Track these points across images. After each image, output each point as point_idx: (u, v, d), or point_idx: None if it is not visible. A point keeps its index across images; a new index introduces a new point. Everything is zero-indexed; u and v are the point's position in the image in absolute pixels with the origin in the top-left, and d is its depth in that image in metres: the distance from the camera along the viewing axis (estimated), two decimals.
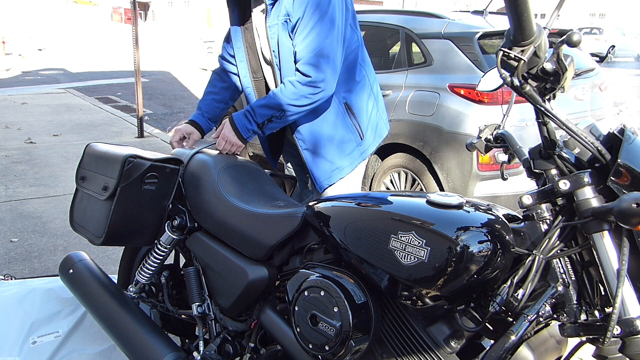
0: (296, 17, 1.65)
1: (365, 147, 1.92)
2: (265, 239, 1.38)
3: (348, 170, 1.91)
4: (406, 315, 1.13)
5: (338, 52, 1.71)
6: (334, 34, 1.68)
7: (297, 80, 1.68)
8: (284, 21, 1.68)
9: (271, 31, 1.72)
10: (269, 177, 1.70)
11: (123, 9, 36.88)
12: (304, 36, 1.66)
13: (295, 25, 1.67)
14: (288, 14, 1.66)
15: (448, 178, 3.22)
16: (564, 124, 0.95)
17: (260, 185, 1.61)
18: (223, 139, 1.75)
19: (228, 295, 1.44)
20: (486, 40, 3.31)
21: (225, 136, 1.74)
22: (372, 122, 1.93)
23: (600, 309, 0.97)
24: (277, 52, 1.74)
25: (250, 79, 1.91)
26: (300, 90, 1.68)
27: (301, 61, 1.68)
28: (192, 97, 9.67)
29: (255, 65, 1.90)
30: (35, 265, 2.89)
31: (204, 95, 2.03)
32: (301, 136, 1.87)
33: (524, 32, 0.85)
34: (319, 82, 1.67)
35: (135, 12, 5.98)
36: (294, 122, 1.83)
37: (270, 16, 1.71)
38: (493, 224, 1.03)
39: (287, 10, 1.66)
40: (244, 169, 1.65)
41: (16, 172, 4.51)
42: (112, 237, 1.50)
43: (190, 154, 1.68)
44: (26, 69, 12.23)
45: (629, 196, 0.84)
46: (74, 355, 1.80)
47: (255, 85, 1.91)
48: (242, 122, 1.74)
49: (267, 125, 1.74)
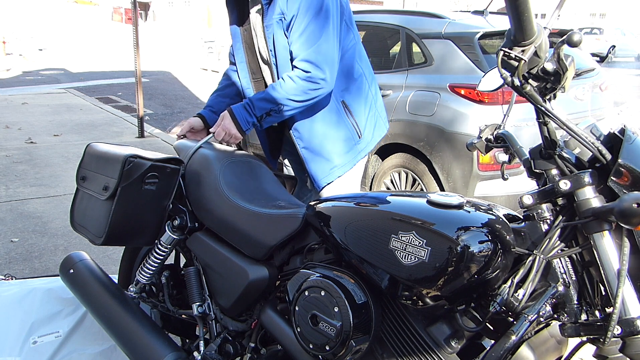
0: (290, 14, 1.66)
1: (363, 146, 1.92)
2: (266, 239, 1.38)
3: (346, 169, 1.91)
4: (407, 315, 1.13)
5: (335, 48, 1.72)
6: (330, 29, 1.69)
7: (297, 76, 1.69)
8: (279, 19, 1.69)
9: (268, 31, 1.73)
10: (271, 175, 1.69)
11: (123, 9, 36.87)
12: (300, 33, 1.67)
13: (290, 23, 1.68)
14: (282, 12, 1.67)
15: (448, 178, 3.22)
16: (565, 124, 0.95)
17: (263, 183, 1.61)
18: (223, 130, 1.75)
19: (228, 295, 1.44)
20: (486, 40, 3.31)
21: (225, 127, 1.75)
22: (370, 120, 1.93)
23: (601, 309, 0.97)
24: (274, 52, 1.75)
25: (249, 79, 1.91)
26: (300, 86, 1.69)
27: (298, 58, 1.69)
28: (192, 97, 9.67)
29: (254, 66, 1.90)
30: (35, 265, 2.89)
31: (211, 95, 2.06)
32: (299, 134, 1.87)
33: (525, 32, 0.86)
34: (318, 78, 1.68)
35: (135, 12, 5.98)
36: (292, 120, 1.84)
37: (266, 16, 1.72)
38: (493, 224, 1.03)
39: (281, 9, 1.67)
40: (247, 166, 1.65)
41: (17, 172, 4.51)
42: (112, 237, 1.50)
43: (193, 149, 1.68)
44: (27, 69, 12.24)
45: (629, 196, 0.84)
46: (74, 355, 1.80)
47: (255, 86, 1.92)
48: (242, 114, 1.74)
49: (265, 118, 1.75)
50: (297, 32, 1.68)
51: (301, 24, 1.66)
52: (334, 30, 1.71)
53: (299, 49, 1.69)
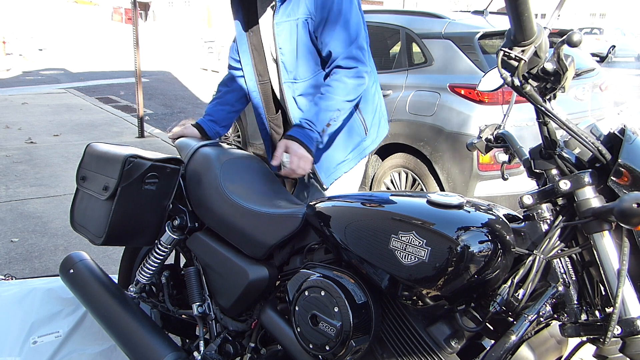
0: (320, 15, 1.66)
1: (368, 143, 1.92)
2: (265, 238, 1.38)
3: (352, 165, 1.90)
4: (407, 315, 1.13)
5: (366, 40, 1.75)
6: (361, 23, 1.72)
7: (343, 76, 1.69)
8: (304, 20, 1.68)
9: (278, 28, 1.71)
10: (271, 173, 1.68)
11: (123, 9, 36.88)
12: (336, 32, 1.67)
13: (320, 24, 1.68)
14: (309, 12, 1.67)
15: (448, 178, 3.22)
16: (565, 124, 0.95)
17: (263, 182, 1.61)
18: (295, 156, 1.64)
19: (228, 295, 1.44)
20: (486, 40, 3.31)
21: (296, 153, 1.64)
22: (376, 118, 1.94)
23: (601, 309, 0.97)
24: (282, 50, 1.74)
25: (256, 82, 1.89)
26: (349, 84, 1.69)
27: (340, 56, 1.69)
28: (192, 97, 9.67)
29: (261, 68, 1.88)
30: (35, 265, 2.89)
31: (209, 103, 2.04)
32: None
33: (525, 32, 0.85)
34: (363, 72, 1.70)
35: (135, 12, 5.98)
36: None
37: (278, 13, 1.70)
38: (493, 224, 1.03)
39: (308, 9, 1.67)
40: (247, 164, 1.64)
41: (17, 172, 4.51)
42: (112, 237, 1.50)
43: (194, 147, 1.67)
44: (27, 69, 12.24)
45: (629, 196, 0.84)
46: (74, 355, 1.80)
47: (261, 88, 1.90)
48: (305, 134, 1.66)
49: (325, 131, 1.72)
50: (332, 31, 1.67)
51: (336, 23, 1.66)
52: (363, 22, 1.74)
53: (338, 47, 1.69)
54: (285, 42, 1.72)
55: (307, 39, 1.71)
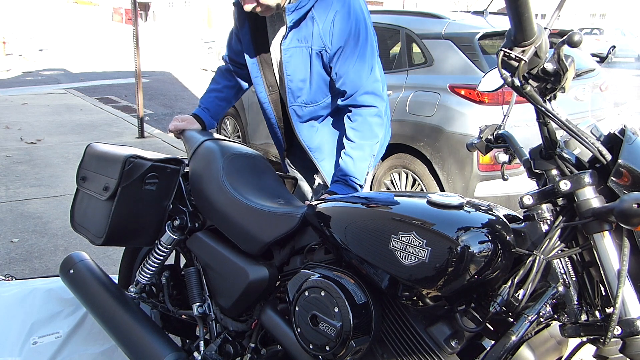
0: (336, 47, 1.63)
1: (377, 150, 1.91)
2: (262, 235, 1.38)
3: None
4: (407, 315, 1.13)
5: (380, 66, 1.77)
6: (375, 54, 1.72)
7: (367, 117, 1.69)
8: (318, 51, 1.65)
9: (286, 55, 1.69)
10: (274, 172, 1.69)
11: (123, 10, 36.88)
12: (352, 65, 1.65)
13: (334, 56, 1.65)
14: (324, 45, 1.64)
15: (448, 178, 3.22)
16: (565, 124, 0.95)
17: (264, 179, 1.61)
18: None
19: (229, 296, 1.44)
20: (486, 41, 3.31)
21: None
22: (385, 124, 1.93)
23: (601, 309, 0.97)
24: (291, 77, 1.72)
25: (266, 93, 1.88)
26: (373, 124, 1.70)
27: (359, 92, 1.68)
28: (192, 97, 9.67)
29: (271, 79, 1.87)
30: (35, 265, 2.89)
31: (206, 93, 2.00)
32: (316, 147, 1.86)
33: (525, 33, 0.86)
34: (382, 111, 1.71)
35: (135, 12, 5.98)
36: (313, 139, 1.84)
37: (286, 39, 1.68)
38: (494, 224, 1.03)
39: (323, 42, 1.64)
40: (251, 161, 1.64)
41: (17, 173, 4.51)
42: (112, 238, 1.50)
43: (200, 140, 1.68)
44: (27, 70, 12.24)
45: (629, 196, 0.84)
46: (74, 355, 1.80)
47: (271, 99, 1.90)
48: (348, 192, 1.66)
49: (366, 177, 1.74)
50: (349, 63, 1.65)
51: (352, 56, 1.64)
52: (377, 50, 1.74)
53: (355, 80, 1.66)
54: (296, 71, 1.70)
55: (321, 69, 1.70)
